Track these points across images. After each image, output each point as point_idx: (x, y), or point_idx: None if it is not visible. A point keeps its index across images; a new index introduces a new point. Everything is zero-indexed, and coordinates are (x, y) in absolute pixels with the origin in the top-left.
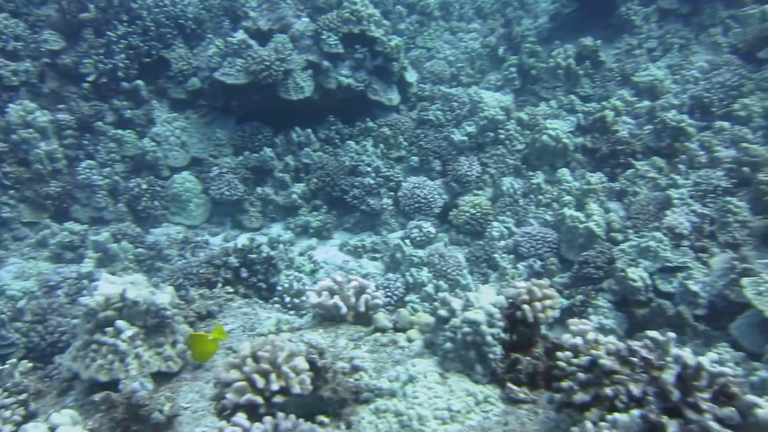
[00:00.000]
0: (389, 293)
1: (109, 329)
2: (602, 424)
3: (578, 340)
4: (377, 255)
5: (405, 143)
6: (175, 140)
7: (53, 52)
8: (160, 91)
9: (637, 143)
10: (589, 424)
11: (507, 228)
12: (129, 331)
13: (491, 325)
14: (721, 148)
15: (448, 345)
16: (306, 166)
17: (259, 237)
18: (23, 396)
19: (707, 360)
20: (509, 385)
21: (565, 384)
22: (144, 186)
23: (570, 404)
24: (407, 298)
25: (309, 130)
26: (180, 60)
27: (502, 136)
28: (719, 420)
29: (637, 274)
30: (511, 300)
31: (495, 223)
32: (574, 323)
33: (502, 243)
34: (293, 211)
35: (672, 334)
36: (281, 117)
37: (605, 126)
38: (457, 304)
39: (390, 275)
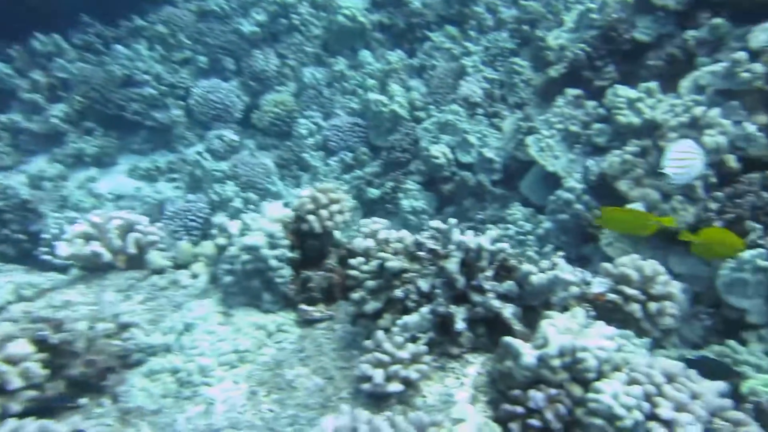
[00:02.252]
0: (193, 217)
1: None
2: (394, 329)
3: (370, 242)
4: (176, 176)
5: (188, 42)
6: None
7: None
8: None
9: (431, 13)
10: (380, 333)
11: (315, 123)
12: None
13: (273, 247)
14: (504, 8)
15: (229, 278)
16: (63, 81)
17: (16, 176)
18: None
19: (487, 239)
20: (301, 306)
21: (357, 294)
22: None
23: (364, 315)
24: (215, 219)
25: (57, 36)
26: None
27: (297, 22)
28: (501, 296)
29: (439, 151)
30: (296, 212)
31: (302, 120)
32: (366, 223)
33: (311, 140)
34: (58, 139)
35: (453, 221)
36: (13, 21)
37: None
38: (234, 228)
39: (191, 196)
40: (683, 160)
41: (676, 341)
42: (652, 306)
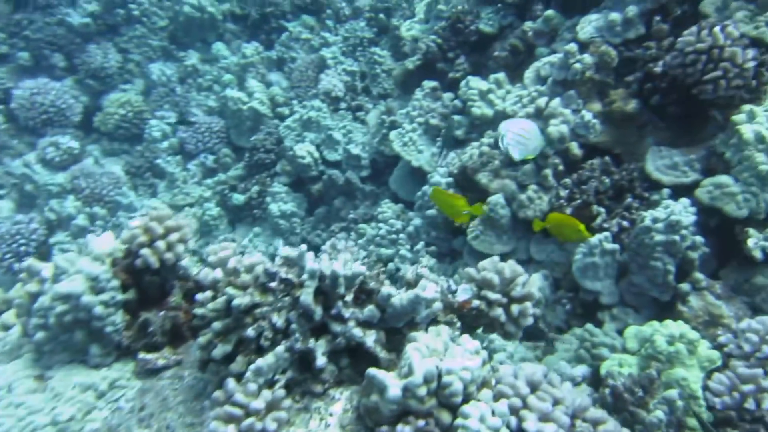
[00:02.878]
0: (24, 241)
1: None
2: (247, 375)
3: (218, 273)
4: (1, 192)
5: (2, 35)
6: None
7: None
8: None
9: (285, 2)
10: (231, 382)
11: (168, 124)
12: None
13: (99, 291)
14: None
15: (41, 335)
16: None
17: None
18: None
19: (341, 264)
20: (141, 355)
21: (203, 338)
22: None
23: (214, 360)
24: (53, 240)
25: None
26: None
27: (137, 13)
28: (363, 323)
29: (305, 149)
30: (127, 247)
31: (153, 122)
32: (213, 251)
33: (166, 144)
34: None
35: (303, 247)
36: None
37: None
38: (47, 272)
39: (20, 217)
40: (519, 135)
41: (542, 326)
42: (514, 309)
